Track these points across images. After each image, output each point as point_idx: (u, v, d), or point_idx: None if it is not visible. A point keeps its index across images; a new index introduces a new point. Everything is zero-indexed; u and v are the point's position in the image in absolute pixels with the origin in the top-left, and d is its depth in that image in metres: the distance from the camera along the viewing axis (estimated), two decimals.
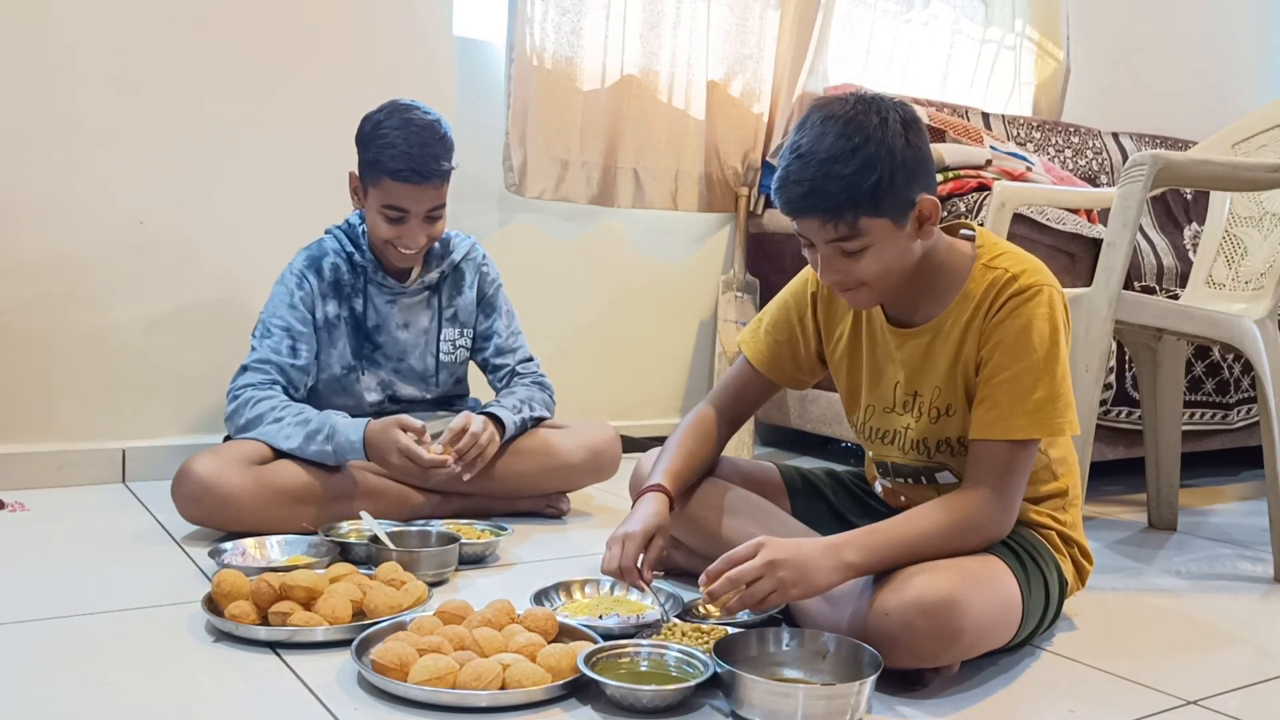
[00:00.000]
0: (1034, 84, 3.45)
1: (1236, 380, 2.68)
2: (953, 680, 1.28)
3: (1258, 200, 2.11)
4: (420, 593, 1.43)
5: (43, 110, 2.10)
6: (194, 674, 1.22)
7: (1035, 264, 1.36)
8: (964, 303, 1.36)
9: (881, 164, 1.23)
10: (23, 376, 2.13)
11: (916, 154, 1.27)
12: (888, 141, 1.24)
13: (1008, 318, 1.31)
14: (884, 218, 1.27)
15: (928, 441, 1.41)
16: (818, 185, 1.24)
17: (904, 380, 1.42)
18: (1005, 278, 1.33)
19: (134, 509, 2.00)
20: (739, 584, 1.22)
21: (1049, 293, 1.32)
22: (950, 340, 1.36)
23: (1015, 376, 1.30)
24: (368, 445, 1.81)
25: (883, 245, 1.28)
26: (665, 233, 2.86)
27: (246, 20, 2.26)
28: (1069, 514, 1.45)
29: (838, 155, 1.24)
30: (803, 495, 1.65)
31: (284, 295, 1.93)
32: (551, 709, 1.17)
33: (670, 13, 2.71)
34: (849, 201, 1.24)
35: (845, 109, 1.26)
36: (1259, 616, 1.68)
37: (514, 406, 1.99)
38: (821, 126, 1.26)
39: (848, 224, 1.26)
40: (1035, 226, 2.31)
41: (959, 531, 1.28)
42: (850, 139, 1.24)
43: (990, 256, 1.36)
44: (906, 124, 1.27)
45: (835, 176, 1.24)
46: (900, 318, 1.42)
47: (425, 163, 1.83)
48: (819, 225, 1.28)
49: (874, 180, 1.23)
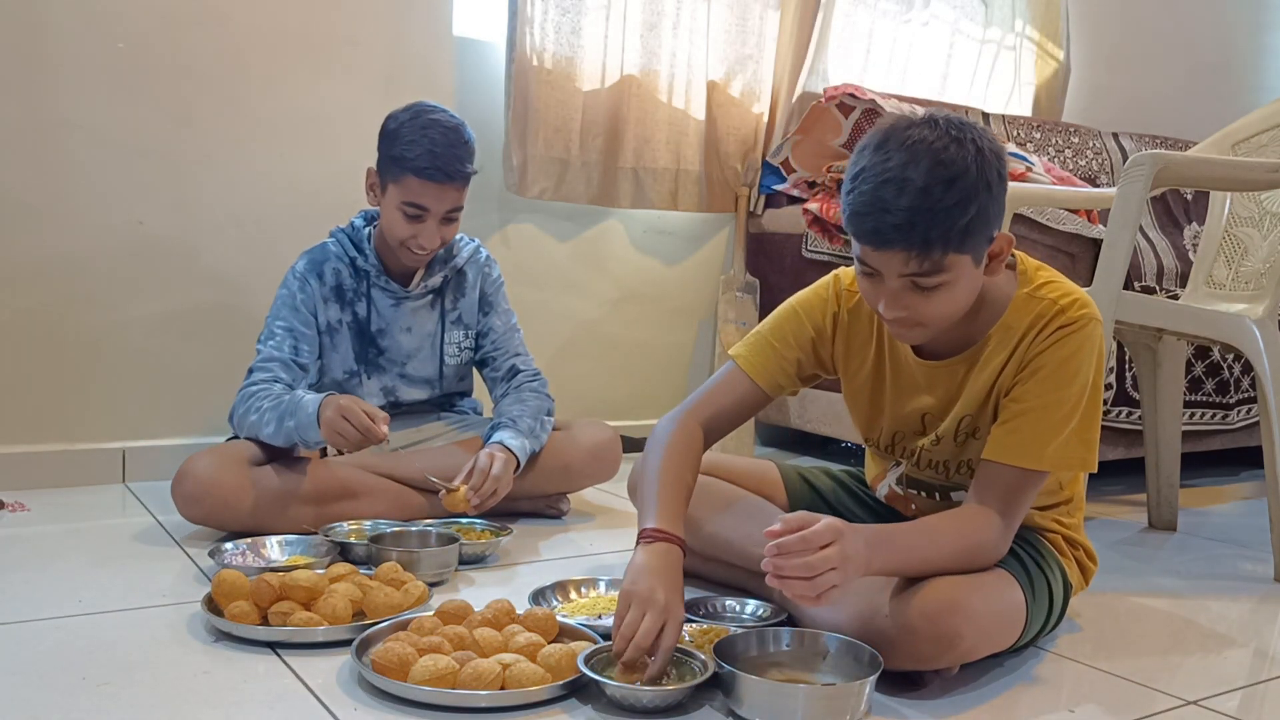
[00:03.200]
0: (1034, 84, 3.45)
1: (1236, 380, 2.68)
2: (953, 680, 1.28)
3: (1258, 200, 2.11)
4: (420, 593, 1.43)
5: (43, 110, 2.10)
6: (194, 674, 1.22)
7: (1082, 294, 1.30)
8: (1004, 334, 1.30)
9: (979, 198, 1.16)
10: (23, 376, 2.13)
11: (1001, 189, 1.20)
12: (986, 175, 1.17)
13: (1051, 346, 1.27)
14: (967, 254, 1.19)
15: (948, 463, 1.40)
16: (916, 218, 1.15)
17: (934, 410, 1.38)
18: (1054, 310, 1.28)
19: (134, 509, 2.00)
20: (814, 572, 1.11)
21: (1096, 327, 1.28)
22: (987, 370, 1.31)
23: (1047, 407, 1.26)
24: (321, 408, 1.76)
25: (958, 283, 1.21)
26: (665, 233, 2.86)
27: (246, 20, 2.26)
28: (1074, 517, 1.45)
29: (934, 185, 1.14)
30: (802, 495, 1.65)
31: (287, 298, 1.94)
32: (551, 709, 1.17)
33: (670, 13, 2.71)
34: (942, 236, 1.15)
35: (934, 135, 1.17)
36: (1259, 616, 1.68)
37: (529, 430, 1.97)
38: (909, 152, 1.16)
39: (934, 260, 1.17)
40: (1035, 226, 2.31)
41: (967, 555, 1.26)
42: (948, 168, 1.15)
43: (1034, 286, 1.31)
44: (999, 155, 1.20)
45: (933, 210, 1.14)
46: (929, 348, 1.37)
47: (450, 163, 1.84)
48: (902, 258, 1.18)
49: (970, 216, 1.16)
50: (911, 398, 1.40)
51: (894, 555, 1.22)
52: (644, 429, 2.77)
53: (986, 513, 1.28)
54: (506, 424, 1.96)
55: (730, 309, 2.86)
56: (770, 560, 1.12)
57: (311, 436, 1.78)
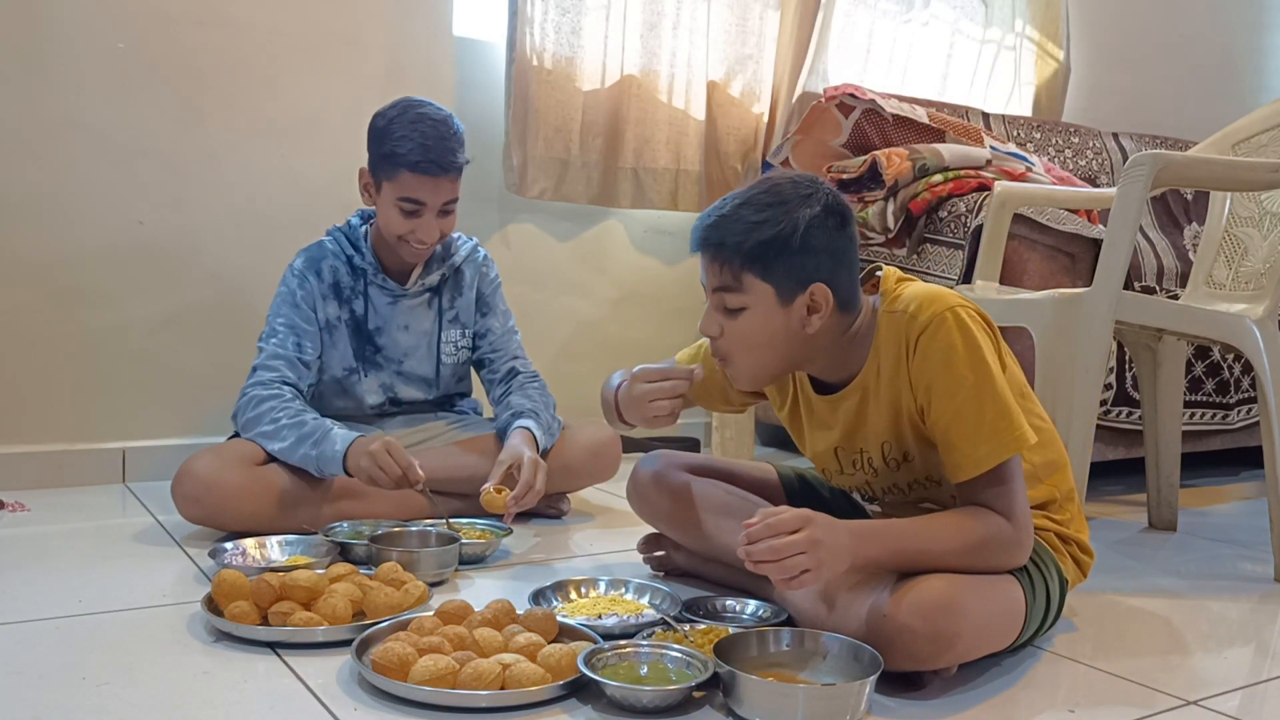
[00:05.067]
0: (1034, 84, 3.45)
1: (1236, 380, 2.68)
2: (953, 681, 1.28)
3: (1258, 200, 2.11)
4: (420, 593, 1.43)
5: (43, 110, 2.10)
6: (194, 674, 1.22)
7: (929, 293, 1.32)
8: (876, 356, 1.34)
9: (783, 227, 1.25)
10: (23, 376, 2.13)
11: (828, 239, 1.27)
12: (799, 213, 1.26)
13: (924, 360, 1.28)
14: (769, 284, 1.28)
15: (899, 484, 1.41)
16: (721, 223, 1.29)
17: (842, 443, 1.41)
18: (904, 319, 1.30)
19: (134, 509, 2.00)
20: (780, 555, 1.17)
21: (950, 316, 1.28)
22: (882, 395, 1.34)
23: (958, 413, 1.27)
24: (348, 454, 1.76)
25: (761, 314, 1.29)
26: (665, 233, 2.86)
27: (246, 20, 2.26)
28: (1065, 513, 1.45)
29: (750, 203, 1.28)
30: (800, 496, 1.65)
31: (286, 295, 1.94)
32: (551, 709, 1.17)
33: (670, 13, 2.71)
34: (739, 247, 1.27)
35: (784, 178, 1.31)
36: (1259, 616, 1.68)
37: (547, 425, 1.98)
38: (758, 184, 1.31)
39: (733, 272, 1.28)
40: (1035, 226, 2.31)
41: (974, 551, 1.26)
42: (771, 195, 1.28)
43: (889, 302, 1.34)
44: (830, 210, 1.28)
45: (739, 220, 1.28)
46: (826, 383, 1.41)
47: (443, 155, 1.84)
48: (708, 264, 1.31)
49: (769, 236, 1.25)
50: (822, 433, 1.43)
51: (887, 544, 1.25)
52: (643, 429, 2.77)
53: (990, 512, 1.28)
54: (528, 414, 1.96)
55: None
56: (743, 548, 1.19)
57: (330, 470, 1.77)
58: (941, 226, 2.44)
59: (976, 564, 1.26)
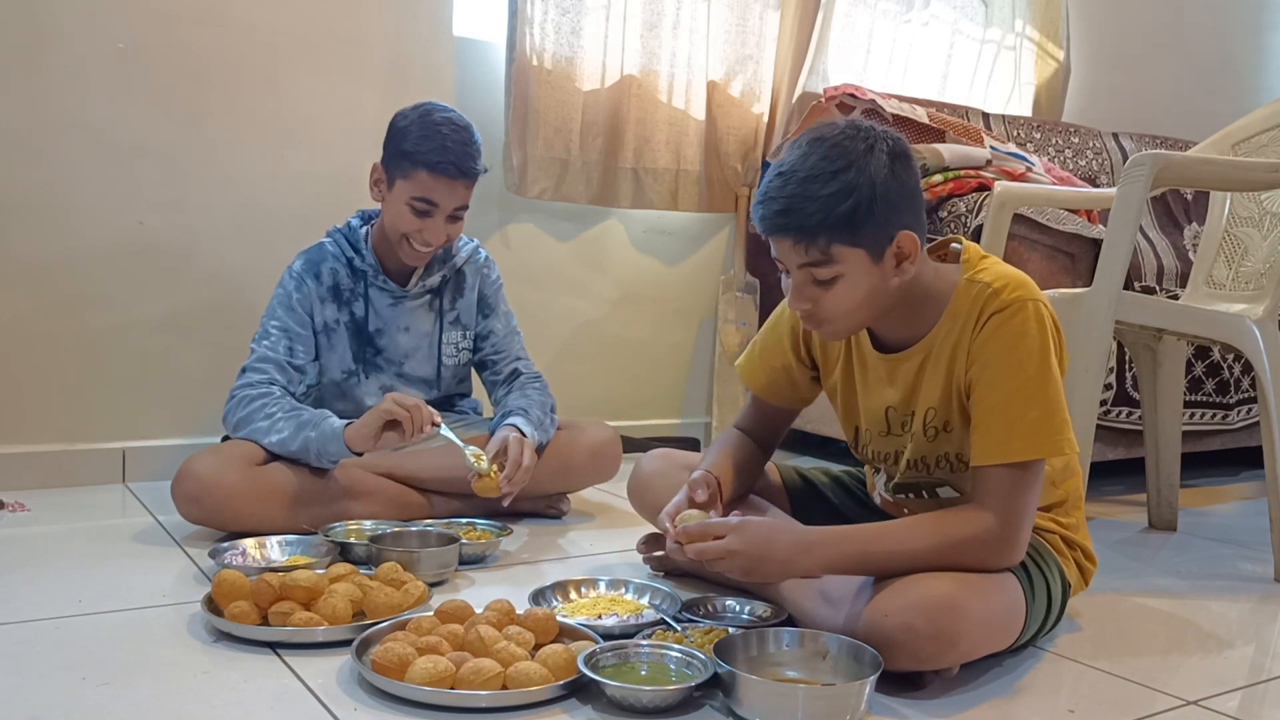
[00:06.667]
0: (1034, 84, 3.45)
1: (1236, 380, 2.68)
2: (953, 681, 1.28)
3: (1258, 200, 2.11)
4: (420, 593, 1.43)
5: (43, 110, 2.10)
6: (194, 674, 1.22)
7: (1018, 277, 1.32)
8: (950, 321, 1.33)
9: (861, 191, 1.21)
10: (23, 376, 2.13)
11: (901, 187, 1.25)
12: (870, 170, 1.22)
13: (991, 337, 1.28)
14: (860, 248, 1.24)
15: (926, 460, 1.40)
16: (793, 204, 1.23)
17: (898, 404, 1.40)
18: (987, 293, 1.30)
19: (134, 509, 2.00)
20: (703, 557, 1.29)
21: (1033, 307, 1.28)
22: (941, 361, 1.34)
23: (1007, 399, 1.27)
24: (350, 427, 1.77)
25: (856, 277, 1.26)
26: (665, 233, 2.86)
27: (246, 20, 2.26)
28: (1071, 517, 1.45)
29: (816, 176, 1.22)
30: (802, 495, 1.65)
31: (283, 298, 1.93)
32: (551, 709, 1.17)
33: (670, 13, 2.71)
34: (823, 224, 1.22)
35: (833, 133, 1.25)
36: (1259, 616, 1.68)
37: (539, 422, 1.97)
38: (807, 148, 1.25)
39: (820, 249, 1.24)
40: (1035, 226, 2.31)
41: (950, 550, 1.25)
42: (833, 161, 1.23)
43: (973, 271, 1.33)
44: (894, 155, 1.25)
45: (812, 197, 1.22)
46: (888, 342, 1.40)
47: (463, 159, 1.85)
48: (791, 247, 1.26)
49: (850, 205, 1.21)
50: (878, 392, 1.42)
51: (846, 548, 1.27)
52: (644, 429, 2.78)
53: (980, 513, 1.27)
54: (517, 412, 1.97)
55: (730, 309, 2.86)
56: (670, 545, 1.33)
57: (332, 448, 1.78)
58: (942, 226, 2.44)
59: (955, 563, 1.25)
